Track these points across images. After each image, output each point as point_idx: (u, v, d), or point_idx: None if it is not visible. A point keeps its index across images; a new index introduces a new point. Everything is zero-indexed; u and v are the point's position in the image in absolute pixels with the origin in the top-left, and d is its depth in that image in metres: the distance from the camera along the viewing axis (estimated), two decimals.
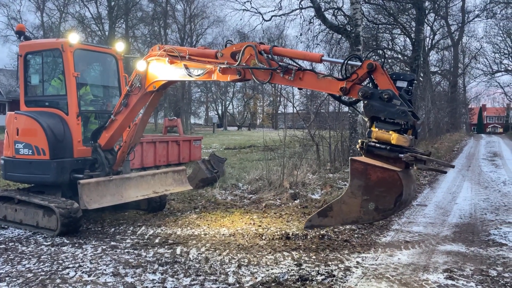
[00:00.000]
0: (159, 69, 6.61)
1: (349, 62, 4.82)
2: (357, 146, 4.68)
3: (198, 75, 6.13)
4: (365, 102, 4.49)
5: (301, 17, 18.39)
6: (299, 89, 5.87)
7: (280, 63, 5.31)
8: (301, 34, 19.53)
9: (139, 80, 6.81)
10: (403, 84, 4.60)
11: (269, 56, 5.36)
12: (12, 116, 7.66)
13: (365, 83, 4.87)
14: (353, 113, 13.33)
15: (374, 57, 25.18)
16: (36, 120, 7.26)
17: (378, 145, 4.44)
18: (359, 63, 4.72)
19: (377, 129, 4.45)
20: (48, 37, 41.50)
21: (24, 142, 7.37)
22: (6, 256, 5.76)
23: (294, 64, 5.34)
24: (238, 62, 5.57)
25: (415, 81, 4.96)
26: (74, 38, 7.41)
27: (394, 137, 4.24)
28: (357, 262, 5.64)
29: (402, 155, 4.27)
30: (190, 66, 6.21)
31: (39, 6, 46.67)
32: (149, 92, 6.82)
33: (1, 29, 47.67)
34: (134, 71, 6.89)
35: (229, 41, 6.09)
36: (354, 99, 4.99)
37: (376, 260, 5.77)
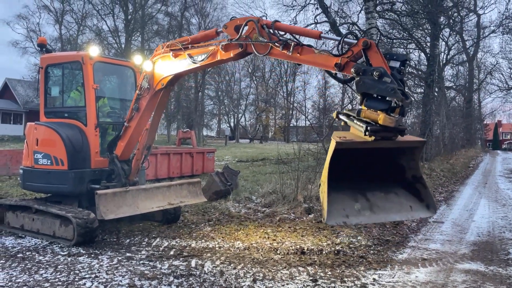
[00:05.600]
0: (165, 66, 6.78)
1: (346, 39, 4.92)
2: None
3: (202, 60, 6.26)
4: (357, 78, 4.60)
5: None
6: (298, 65, 5.99)
7: (280, 37, 5.42)
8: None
9: (147, 81, 6.96)
10: (395, 64, 4.70)
11: (271, 30, 5.48)
12: (32, 127, 7.79)
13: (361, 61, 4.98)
14: None
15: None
16: (55, 130, 7.38)
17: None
18: (355, 41, 4.81)
19: (366, 108, 4.55)
20: (65, 49, 42.36)
21: (43, 152, 7.48)
22: (23, 265, 5.82)
23: (295, 40, 5.43)
24: (239, 35, 5.71)
25: (408, 61, 5.06)
26: (94, 51, 7.55)
27: (381, 118, 4.35)
28: (374, 279, 5.57)
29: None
30: (194, 53, 6.36)
31: (58, 19, 47.73)
32: (158, 90, 6.96)
33: (20, 41, 48.68)
34: (142, 74, 7.06)
35: (233, 16, 6.22)
36: (348, 77, 5.09)
37: (393, 278, 5.69)
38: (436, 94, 27.09)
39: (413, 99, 28.02)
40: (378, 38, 15.85)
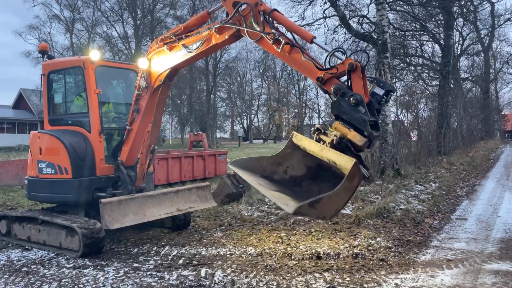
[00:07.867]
0: (161, 61, 6.59)
1: (337, 53, 4.74)
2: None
3: (197, 47, 6.04)
4: (335, 98, 4.50)
5: (325, 27, 17.96)
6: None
7: (273, 30, 5.16)
8: (325, 44, 19.16)
9: (145, 80, 6.77)
10: (379, 91, 4.60)
11: (266, 18, 5.22)
12: (35, 136, 7.60)
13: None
14: (383, 123, 12.82)
15: (400, 64, 24.49)
16: (58, 138, 7.18)
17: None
18: (343, 58, 4.63)
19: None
20: None
21: (47, 161, 7.28)
22: (27, 279, 5.59)
23: (289, 37, 5.13)
24: (233, 13, 5.45)
25: (393, 92, 4.94)
26: (95, 55, 7.31)
27: (352, 133, 4.27)
28: (396, 284, 5.20)
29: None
30: (188, 43, 6.17)
31: (68, 28, 48.19)
32: (157, 87, 6.75)
33: (33, 51, 49.16)
34: (139, 74, 6.86)
35: None
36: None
37: (416, 282, 5.31)
38: (452, 85, 26.36)
39: (428, 92, 27.36)
40: (389, 30, 15.39)
